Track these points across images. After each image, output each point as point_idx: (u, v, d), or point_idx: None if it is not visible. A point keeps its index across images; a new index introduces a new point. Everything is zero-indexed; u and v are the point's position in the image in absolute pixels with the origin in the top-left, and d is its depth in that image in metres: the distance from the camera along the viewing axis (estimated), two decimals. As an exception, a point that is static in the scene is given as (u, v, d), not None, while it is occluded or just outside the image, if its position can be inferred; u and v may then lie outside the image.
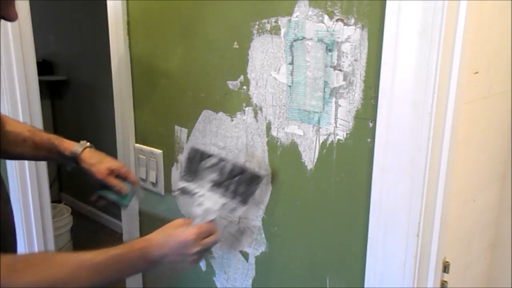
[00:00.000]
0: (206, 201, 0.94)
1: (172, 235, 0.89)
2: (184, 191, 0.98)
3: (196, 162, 0.98)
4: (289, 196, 1.00)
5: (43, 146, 1.09)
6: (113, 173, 1.11)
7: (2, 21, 0.74)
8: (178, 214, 1.28)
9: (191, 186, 0.98)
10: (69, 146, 1.10)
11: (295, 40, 0.91)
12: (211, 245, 0.92)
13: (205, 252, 0.92)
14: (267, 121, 1.01)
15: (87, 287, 0.79)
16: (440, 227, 0.83)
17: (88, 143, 1.12)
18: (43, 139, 1.09)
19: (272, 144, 1.01)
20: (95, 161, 1.10)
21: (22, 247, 1.52)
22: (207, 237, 0.90)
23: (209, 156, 0.97)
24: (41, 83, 1.49)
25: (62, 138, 1.11)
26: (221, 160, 0.96)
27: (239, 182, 0.95)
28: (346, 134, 0.88)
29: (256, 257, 1.11)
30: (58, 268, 0.76)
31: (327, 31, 0.86)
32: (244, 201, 0.95)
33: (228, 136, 1.09)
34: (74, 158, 1.09)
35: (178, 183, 0.98)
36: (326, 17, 0.85)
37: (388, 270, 0.85)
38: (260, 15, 0.96)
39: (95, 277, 0.79)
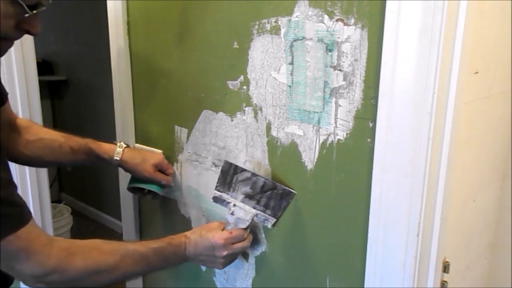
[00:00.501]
0: (238, 211, 1.00)
1: (204, 236, 0.95)
2: (217, 200, 1.04)
3: (230, 175, 1.02)
4: (289, 196, 1.00)
5: (80, 150, 1.09)
6: (157, 167, 1.15)
7: None
8: (178, 213, 1.28)
9: (224, 196, 1.03)
10: (108, 150, 1.11)
11: (295, 40, 0.91)
12: (240, 251, 0.99)
13: (233, 257, 0.99)
14: (267, 121, 1.01)
15: (127, 275, 0.86)
16: (440, 227, 0.83)
17: (124, 143, 1.14)
18: (80, 143, 1.09)
19: (272, 144, 1.01)
20: (139, 160, 1.13)
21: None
22: (236, 242, 0.97)
23: (243, 170, 1.01)
24: (41, 83, 1.49)
25: (98, 142, 1.12)
26: (254, 175, 1.00)
27: (270, 196, 0.99)
28: (346, 134, 0.88)
29: (256, 257, 1.11)
30: (108, 256, 0.82)
31: (327, 31, 0.86)
32: (274, 214, 1.00)
33: (228, 136, 1.09)
34: (117, 162, 1.11)
35: (213, 192, 1.04)
36: (326, 17, 0.85)
37: (388, 270, 0.85)
38: (260, 15, 0.96)
39: (137, 267, 0.85)
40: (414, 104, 0.76)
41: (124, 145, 1.13)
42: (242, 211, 1.00)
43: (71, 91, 3.34)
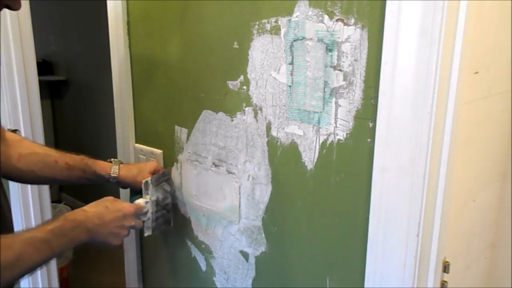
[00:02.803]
0: (150, 204, 1.12)
1: (112, 207, 0.96)
2: (145, 185, 1.12)
3: (162, 178, 1.20)
4: (289, 196, 1.00)
5: (76, 166, 1.07)
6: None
7: (2, 21, 0.74)
8: (178, 213, 1.28)
9: (150, 186, 1.13)
10: (105, 166, 1.10)
11: (295, 40, 0.91)
12: (139, 227, 1.04)
13: (129, 231, 1.01)
14: (267, 121, 1.01)
15: (33, 266, 0.80)
16: (440, 227, 0.83)
17: (117, 160, 1.13)
18: (75, 159, 1.07)
19: (272, 144, 1.01)
20: (136, 171, 1.13)
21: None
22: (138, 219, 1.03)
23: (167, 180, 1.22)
24: (41, 83, 1.49)
25: (93, 159, 1.10)
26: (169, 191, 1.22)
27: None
28: (346, 134, 0.88)
29: (256, 257, 1.11)
30: (6, 251, 0.75)
31: (327, 31, 0.86)
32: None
33: (228, 136, 1.09)
34: (115, 179, 1.10)
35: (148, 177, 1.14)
36: (326, 17, 0.85)
37: (388, 270, 0.85)
38: (260, 15, 0.96)
39: (40, 254, 0.80)
40: (414, 104, 0.76)
41: (118, 161, 1.12)
42: (151, 206, 1.12)
43: (71, 91, 3.34)
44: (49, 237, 0.82)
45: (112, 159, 1.13)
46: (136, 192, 1.15)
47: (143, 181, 1.10)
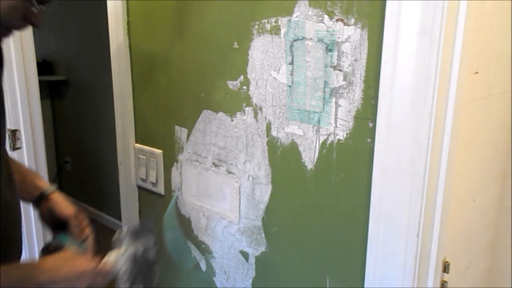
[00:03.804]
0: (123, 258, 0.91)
1: (63, 265, 0.79)
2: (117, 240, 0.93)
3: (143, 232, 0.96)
4: (289, 196, 1.00)
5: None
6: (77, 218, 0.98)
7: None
8: (178, 213, 1.28)
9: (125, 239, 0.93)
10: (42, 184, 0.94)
11: (295, 40, 0.91)
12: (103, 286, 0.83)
13: None
14: (267, 121, 1.01)
15: None
16: (440, 227, 0.83)
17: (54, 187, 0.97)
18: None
19: (272, 144, 1.01)
20: (66, 202, 0.96)
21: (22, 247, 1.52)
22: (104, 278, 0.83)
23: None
24: (41, 83, 1.49)
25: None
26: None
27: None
28: (346, 134, 0.88)
29: (256, 257, 1.11)
30: None
31: (327, 31, 0.86)
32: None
33: (228, 136, 1.09)
34: (44, 195, 0.94)
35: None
36: (326, 17, 0.85)
37: (388, 270, 0.85)
38: (260, 15, 0.96)
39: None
40: (414, 104, 0.76)
41: (54, 188, 0.96)
42: (126, 263, 0.91)
43: (71, 91, 3.34)
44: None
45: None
46: (59, 228, 0.95)
47: (118, 230, 0.91)
